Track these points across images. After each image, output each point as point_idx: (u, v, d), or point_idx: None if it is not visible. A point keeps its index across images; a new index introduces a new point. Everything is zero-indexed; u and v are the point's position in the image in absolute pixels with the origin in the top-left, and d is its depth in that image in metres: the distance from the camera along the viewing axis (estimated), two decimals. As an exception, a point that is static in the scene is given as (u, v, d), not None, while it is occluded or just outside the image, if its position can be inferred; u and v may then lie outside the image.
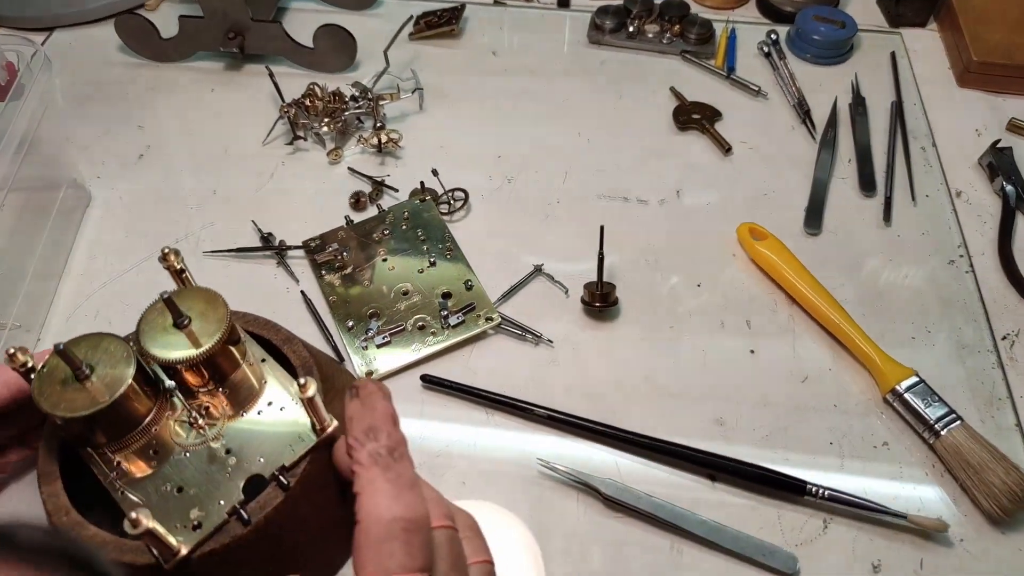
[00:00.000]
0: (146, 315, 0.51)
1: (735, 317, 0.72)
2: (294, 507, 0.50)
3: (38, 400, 0.48)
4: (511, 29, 1.02)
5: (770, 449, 0.64)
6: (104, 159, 0.85)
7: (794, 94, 0.92)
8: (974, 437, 0.61)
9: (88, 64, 0.95)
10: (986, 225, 0.80)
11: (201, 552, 0.47)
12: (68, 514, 0.49)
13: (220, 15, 0.90)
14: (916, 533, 0.59)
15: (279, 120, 0.86)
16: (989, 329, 0.72)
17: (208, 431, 0.52)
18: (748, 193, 0.82)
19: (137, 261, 0.76)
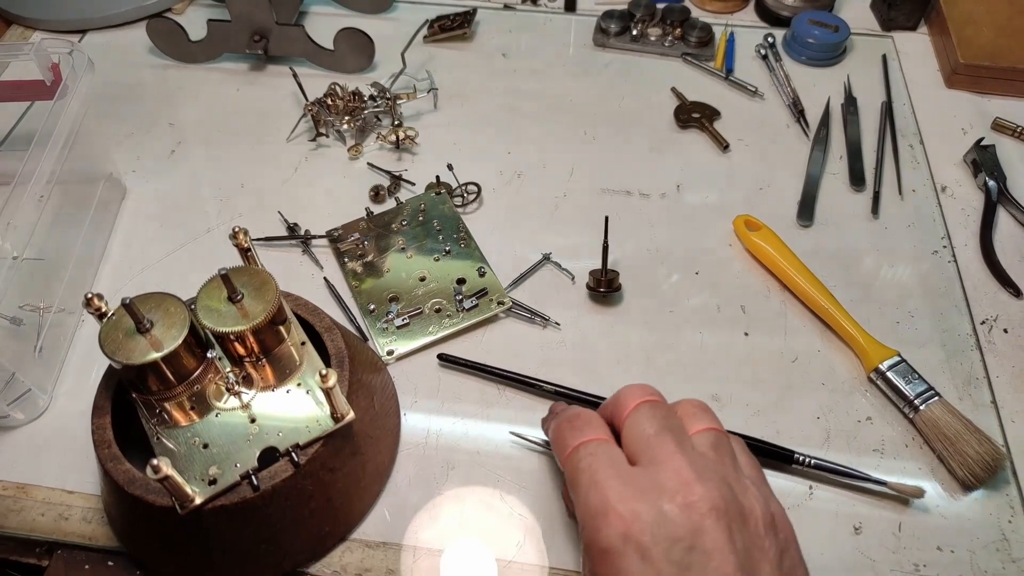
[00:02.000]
0: (206, 286, 0.56)
1: (730, 303, 0.77)
2: (300, 483, 0.55)
3: (102, 344, 0.53)
4: (520, 32, 1.07)
5: (762, 423, 0.69)
6: (138, 155, 0.90)
7: (789, 94, 0.97)
8: (951, 411, 0.66)
9: (120, 65, 1.00)
10: (969, 218, 0.84)
11: (212, 505, 0.53)
12: (110, 447, 0.54)
13: (246, 19, 0.95)
14: (895, 499, 0.64)
15: (303, 118, 0.91)
16: (969, 314, 0.76)
17: (242, 398, 0.58)
18: (744, 187, 0.87)
19: (170, 250, 0.81)
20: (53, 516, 0.63)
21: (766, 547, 0.40)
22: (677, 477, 0.40)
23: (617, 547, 0.39)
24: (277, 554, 0.57)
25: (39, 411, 0.69)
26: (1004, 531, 0.63)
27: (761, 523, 0.41)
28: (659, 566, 0.37)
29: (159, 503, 0.52)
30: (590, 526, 0.40)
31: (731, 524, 0.39)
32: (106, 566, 0.61)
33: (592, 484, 0.41)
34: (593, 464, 0.43)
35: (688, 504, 0.39)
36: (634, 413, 0.44)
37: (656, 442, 0.42)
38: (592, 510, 0.40)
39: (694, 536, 0.38)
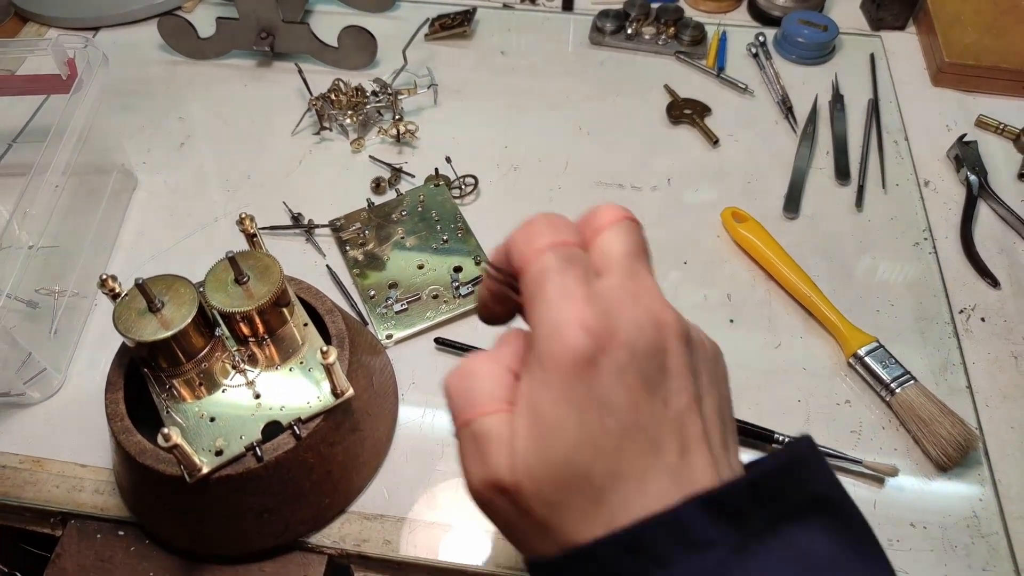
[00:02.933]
0: (214, 269, 0.60)
1: (717, 291, 0.80)
2: (302, 455, 0.58)
3: (116, 322, 0.57)
4: (518, 31, 1.10)
5: (745, 405, 0.71)
6: (149, 147, 0.93)
7: (778, 92, 0.99)
8: (925, 394, 0.69)
9: (131, 61, 1.04)
10: (950, 211, 0.87)
11: (219, 475, 0.56)
12: (122, 420, 0.58)
13: (253, 17, 0.98)
14: (871, 478, 0.67)
15: (307, 112, 0.95)
16: (948, 304, 0.79)
17: (248, 375, 0.61)
18: (733, 181, 0.90)
19: (179, 238, 0.84)
20: (67, 488, 0.66)
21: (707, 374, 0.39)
22: (652, 299, 0.37)
23: (588, 359, 0.35)
24: (279, 523, 0.60)
25: (54, 390, 0.72)
26: (975, 508, 0.65)
27: (707, 350, 0.40)
28: (631, 381, 0.35)
29: (168, 472, 0.56)
30: (557, 336, 0.35)
31: (690, 348, 0.38)
32: (117, 535, 0.64)
33: (564, 292, 0.36)
34: (567, 270, 0.37)
35: (661, 324, 0.36)
36: (610, 229, 0.40)
37: (633, 261, 0.39)
38: (563, 320, 0.36)
39: (664, 355, 0.36)
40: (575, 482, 0.35)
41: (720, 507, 0.34)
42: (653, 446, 0.35)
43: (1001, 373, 0.74)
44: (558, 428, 0.35)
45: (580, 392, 0.35)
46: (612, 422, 0.35)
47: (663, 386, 0.36)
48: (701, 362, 0.38)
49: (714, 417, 0.38)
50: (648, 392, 0.35)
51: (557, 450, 0.35)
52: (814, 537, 0.35)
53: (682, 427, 0.36)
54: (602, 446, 0.35)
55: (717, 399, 0.39)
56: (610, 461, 0.35)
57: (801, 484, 0.36)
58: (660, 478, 0.35)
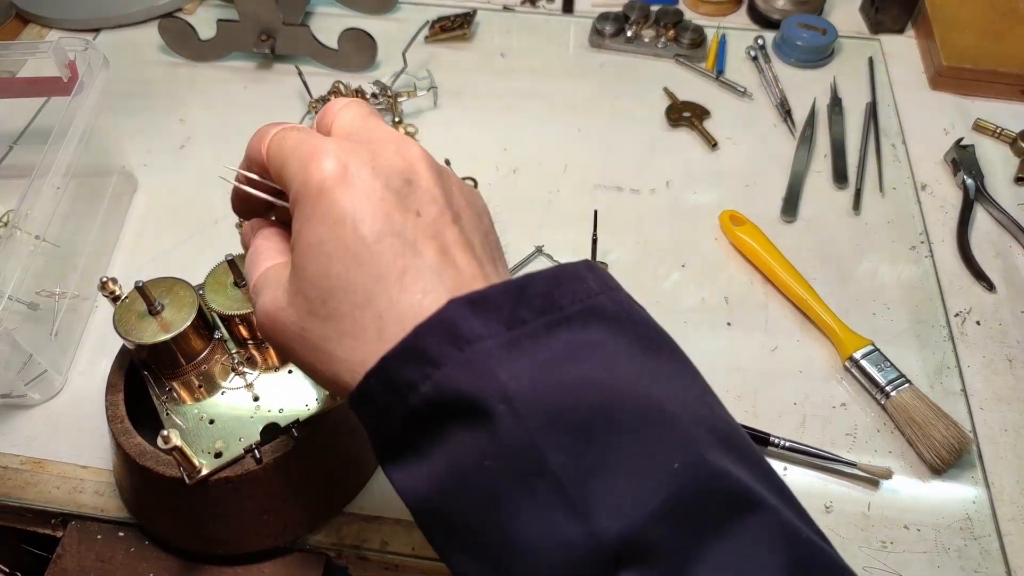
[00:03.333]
0: (213, 272, 0.60)
1: (714, 294, 0.80)
2: (301, 456, 0.59)
3: (116, 325, 0.57)
4: (518, 33, 1.10)
5: (741, 408, 0.72)
6: (149, 149, 0.94)
7: (777, 95, 1.00)
8: (920, 398, 0.69)
9: (132, 63, 1.04)
10: (947, 215, 0.88)
11: (218, 477, 0.57)
12: (122, 422, 0.58)
13: (254, 19, 0.98)
14: (866, 480, 0.67)
15: (307, 115, 0.95)
16: (943, 307, 0.79)
17: (247, 378, 0.61)
18: (731, 184, 0.91)
19: (180, 240, 0.84)
20: (67, 489, 0.67)
21: (461, 198, 0.41)
22: (389, 132, 0.41)
23: (336, 178, 0.37)
24: (278, 524, 0.61)
25: (55, 391, 0.73)
26: (968, 511, 0.66)
27: (457, 181, 0.42)
28: (381, 193, 0.37)
29: (168, 474, 0.56)
30: (305, 168, 0.38)
31: (439, 172, 0.40)
32: (117, 536, 0.64)
33: (303, 141, 0.40)
34: (299, 133, 0.41)
35: (402, 147, 0.40)
36: (343, 107, 0.43)
37: (368, 123, 0.42)
38: (306, 154, 0.39)
39: (410, 173, 0.39)
40: (339, 290, 0.37)
41: (486, 304, 0.35)
42: (410, 248, 0.37)
43: (995, 376, 0.74)
44: (317, 245, 0.38)
45: (333, 209, 0.37)
46: (365, 229, 0.37)
47: (412, 198, 0.38)
48: (454, 185, 0.41)
49: (474, 231, 0.40)
50: (399, 203, 0.38)
51: (318, 264, 0.38)
52: (597, 339, 0.36)
53: (438, 232, 0.38)
54: (357, 253, 0.37)
55: (475, 220, 0.41)
56: (369, 266, 0.37)
57: (575, 295, 0.36)
58: (423, 275, 0.37)
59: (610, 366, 0.35)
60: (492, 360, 0.33)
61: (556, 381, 0.33)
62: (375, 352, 0.36)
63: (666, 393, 0.35)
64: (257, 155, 0.44)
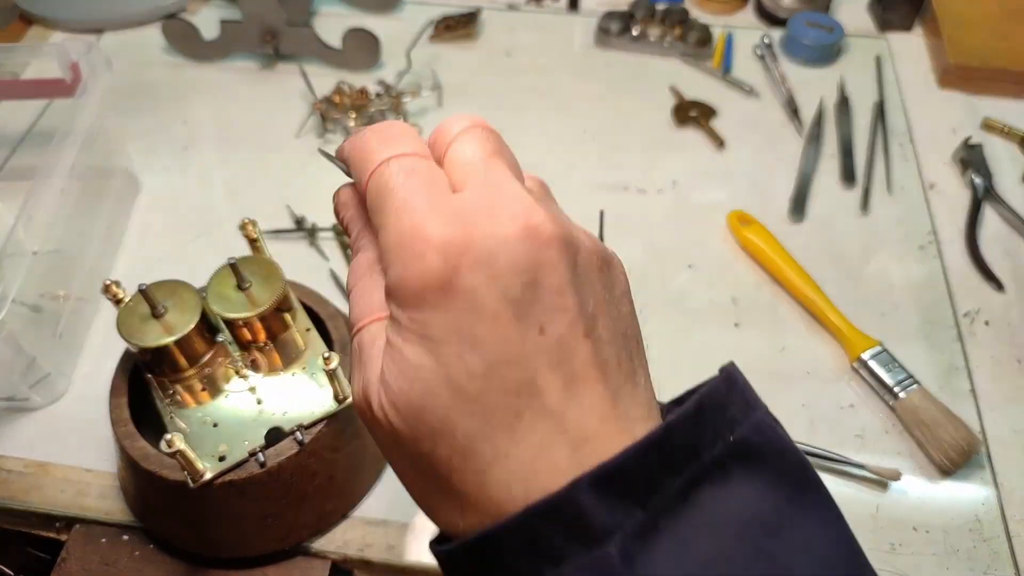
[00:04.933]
0: (216, 274, 0.60)
1: (722, 294, 0.80)
2: (304, 460, 0.59)
3: (119, 328, 0.57)
4: (524, 32, 1.10)
5: (749, 410, 0.71)
6: (152, 151, 0.93)
7: (784, 94, 0.99)
8: (929, 399, 0.69)
9: (135, 64, 1.04)
10: (955, 215, 0.87)
11: (221, 480, 0.56)
12: (126, 425, 0.58)
13: (257, 19, 0.98)
14: (874, 482, 0.67)
15: (311, 115, 0.95)
16: (952, 307, 0.79)
17: (250, 381, 0.61)
18: (739, 184, 0.90)
19: (183, 242, 0.84)
20: (72, 493, 0.66)
21: (600, 288, 0.33)
22: (515, 200, 0.31)
23: (439, 282, 0.29)
24: (282, 528, 0.60)
25: (59, 394, 0.72)
26: (977, 513, 0.65)
27: (596, 259, 0.33)
28: (495, 306, 0.29)
29: (172, 477, 0.56)
30: (400, 259, 0.31)
31: (573, 258, 0.31)
32: (121, 540, 0.64)
33: (406, 206, 0.31)
34: (408, 182, 0.32)
35: (530, 228, 0.30)
36: (463, 136, 0.34)
37: (488, 166, 0.33)
38: (405, 237, 0.30)
39: (535, 269, 0.30)
40: (436, 431, 0.30)
41: (619, 482, 0.29)
42: (528, 384, 0.30)
43: (1004, 377, 0.74)
44: (411, 369, 0.30)
45: (433, 325, 0.30)
46: (473, 359, 0.29)
47: (536, 307, 0.30)
48: (591, 274, 0.32)
49: (612, 341, 0.32)
50: (517, 317, 0.30)
51: (412, 394, 0.30)
52: (737, 496, 0.30)
53: (566, 356, 0.30)
54: (463, 389, 0.30)
55: (614, 319, 0.33)
56: (474, 407, 0.30)
57: (717, 431, 0.31)
58: (540, 423, 0.30)
59: (751, 540, 0.30)
60: (625, 568, 0.28)
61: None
62: (473, 519, 0.31)
63: (809, 563, 0.30)
64: (357, 182, 0.35)
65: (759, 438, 0.32)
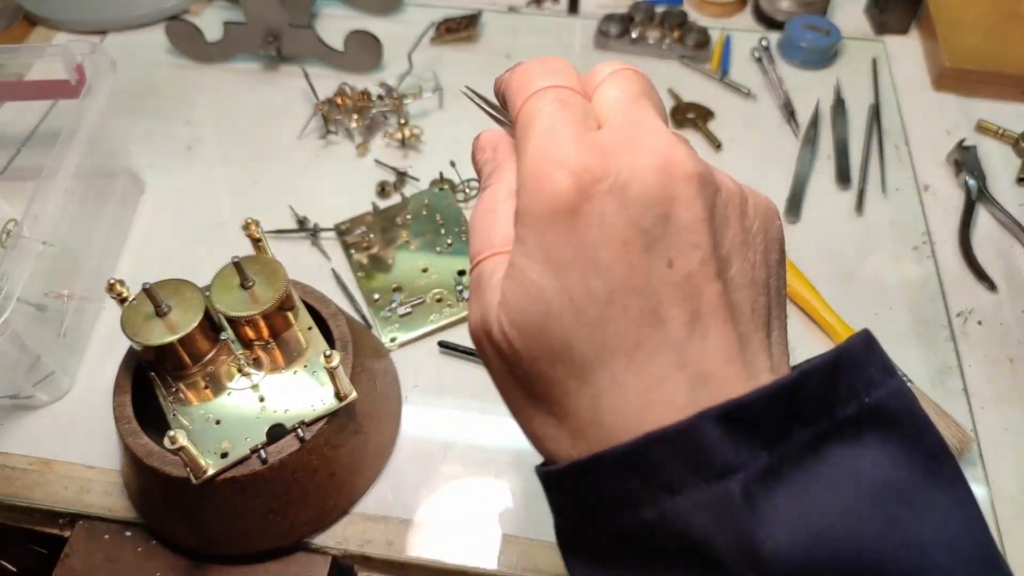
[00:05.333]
0: (220, 273, 0.61)
1: (718, 295, 0.81)
2: (306, 457, 0.60)
3: (124, 326, 0.58)
4: (524, 34, 1.10)
5: (744, 409, 0.72)
6: (156, 151, 0.94)
7: (781, 96, 1.00)
8: (920, 397, 0.70)
9: (139, 65, 1.04)
10: (949, 216, 0.88)
11: (224, 477, 0.57)
12: (129, 422, 0.59)
13: (260, 21, 0.99)
14: (867, 480, 0.68)
15: (313, 116, 0.95)
16: (945, 307, 0.80)
17: (253, 379, 0.62)
18: (735, 185, 0.91)
19: (186, 242, 0.85)
20: (75, 490, 0.67)
21: (739, 231, 0.32)
22: (655, 137, 0.31)
23: (570, 205, 0.29)
24: (284, 525, 0.61)
25: (62, 392, 0.73)
26: (969, 511, 0.66)
27: (738, 201, 0.32)
28: (624, 234, 0.29)
29: (174, 474, 0.57)
30: (536, 180, 0.30)
31: (711, 198, 0.31)
32: (124, 536, 0.65)
33: (552, 131, 0.31)
34: (559, 111, 0.32)
35: (667, 164, 0.30)
36: (612, 77, 0.34)
37: (634, 106, 0.33)
38: (544, 159, 0.30)
39: (670, 203, 0.30)
40: (555, 353, 0.30)
41: (744, 421, 0.28)
42: (651, 314, 0.29)
43: (997, 376, 0.75)
44: (535, 289, 0.30)
45: (560, 248, 0.30)
46: (597, 284, 0.29)
47: (667, 241, 0.30)
48: (731, 217, 0.32)
49: (747, 286, 0.31)
50: (646, 248, 0.29)
51: (533, 315, 0.30)
52: (869, 458, 0.29)
53: (692, 293, 0.30)
54: (584, 313, 0.30)
55: (755, 265, 0.32)
56: (594, 331, 0.30)
57: (853, 391, 0.30)
58: (660, 355, 0.29)
59: (883, 504, 0.29)
60: (746, 508, 0.27)
61: (818, 531, 0.28)
62: (584, 446, 0.31)
63: (943, 541, 0.29)
64: (510, 107, 0.36)
65: (897, 404, 0.31)
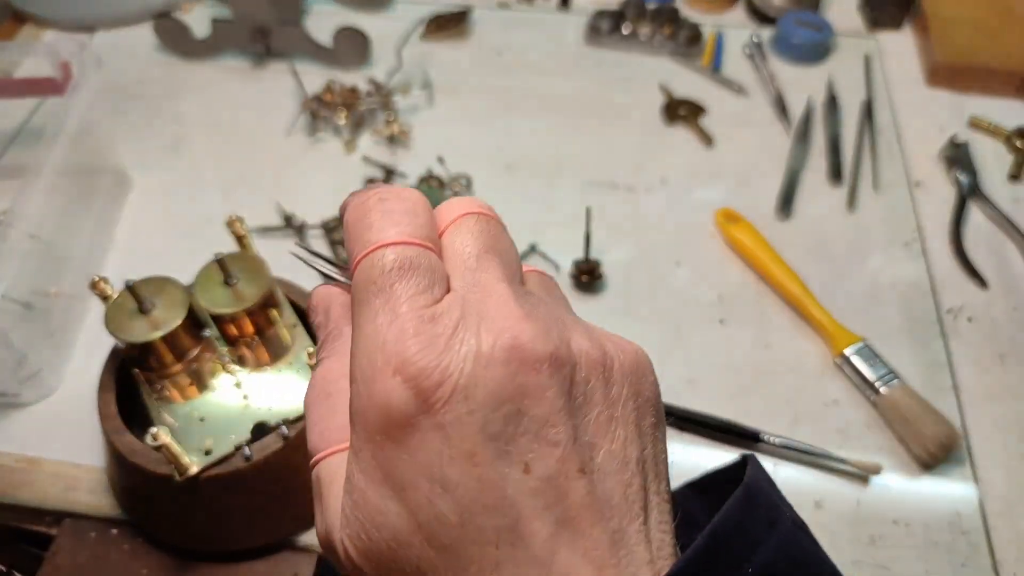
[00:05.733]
0: (204, 270, 0.61)
1: (709, 291, 0.80)
2: (290, 455, 0.59)
3: (107, 323, 0.58)
4: (515, 30, 1.10)
5: (734, 405, 0.72)
6: (143, 148, 0.94)
7: (773, 92, 1.00)
8: (909, 394, 0.70)
9: (127, 62, 1.04)
10: (941, 212, 0.87)
11: (207, 475, 0.57)
12: (113, 420, 0.59)
13: (248, 18, 0.98)
14: (856, 476, 0.67)
15: (301, 113, 0.95)
16: (936, 304, 0.79)
17: (237, 376, 0.62)
18: (727, 181, 0.91)
19: (174, 239, 0.85)
20: (61, 487, 0.67)
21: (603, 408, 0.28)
22: (501, 310, 0.27)
23: (406, 417, 0.26)
24: (268, 523, 0.61)
25: (49, 390, 0.73)
26: (957, 506, 0.66)
27: (599, 372, 0.28)
28: (471, 445, 0.25)
29: (159, 471, 0.56)
30: (366, 386, 0.27)
31: (567, 378, 0.27)
32: (110, 534, 0.64)
33: (386, 313, 0.27)
34: (397, 284, 0.28)
35: (515, 349, 0.26)
36: (457, 224, 0.31)
37: (479, 266, 0.30)
38: (374, 358, 0.27)
39: (520, 397, 0.26)
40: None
41: None
42: (509, 532, 0.26)
43: (986, 373, 0.74)
44: (378, 515, 0.27)
45: (399, 465, 0.26)
46: (446, 506, 0.26)
47: (520, 442, 0.26)
48: (593, 393, 0.28)
49: (617, 471, 0.27)
50: (497, 456, 0.26)
51: (379, 542, 0.27)
52: None
53: (554, 498, 0.26)
54: (435, 538, 0.26)
55: (626, 441, 0.28)
56: (448, 557, 0.26)
57: (735, 563, 0.27)
58: (524, 574, 0.26)
59: None
60: None
61: None
62: None
63: None
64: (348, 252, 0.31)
65: (784, 560, 0.28)
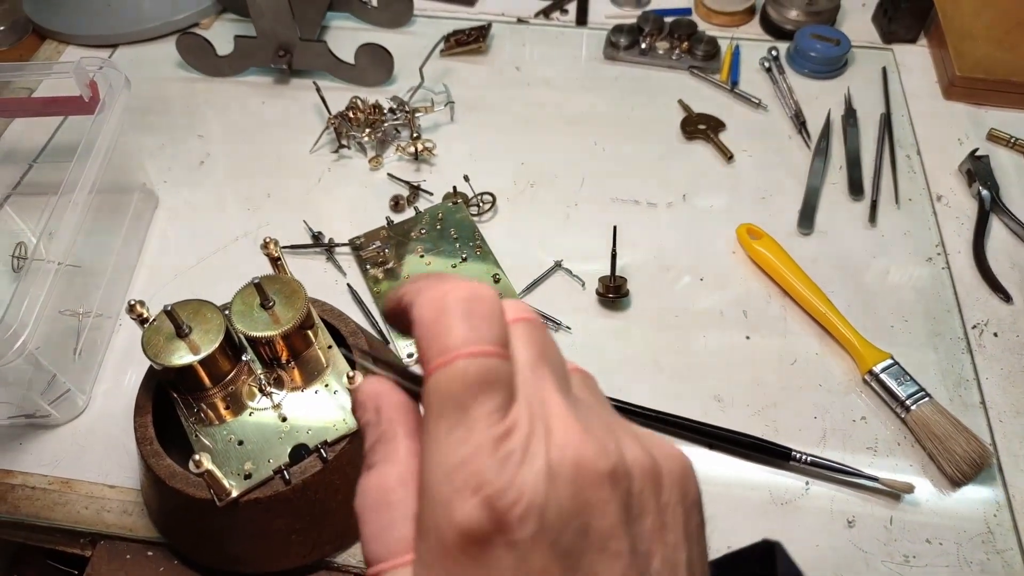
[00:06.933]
0: (240, 293, 0.61)
1: (733, 308, 0.81)
2: (329, 477, 0.60)
3: (145, 347, 0.58)
4: (533, 46, 1.11)
5: (761, 422, 0.72)
6: (169, 166, 0.94)
7: (792, 106, 1.00)
8: (940, 411, 0.70)
9: (150, 79, 1.05)
10: (963, 226, 0.88)
11: (247, 498, 0.57)
12: (151, 443, 0.59)
13: (271, 35, 0.99)
14: (887, 494, 0.68)
15: (325, 130, 0.96)
16: (961, 319, 0.80)
17: (274, 398, 0.62)
18: (748, 196, 0.91)
19: (201, 257, 0.85)
20: (95, 509, 0.67)
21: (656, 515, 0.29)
22: (563, 426, 0.27)
23: (482, 537, 0.26)
24: (306, 544, 0.61)
25: (79, 410, 0.73)
26: (990, 524, 0.66)
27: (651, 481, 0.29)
28: (541, 561, 0.26)
29: (198, 496, 0.57)
30: (442, 504, 0.27)
31: (626, 491, 0.28)
32: (146, 556, 0.65)
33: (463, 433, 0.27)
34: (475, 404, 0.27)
35: (579, 467, 0.26)
36: (514, 329, 0.30)
37: (534, 374, 0.29)
38: (452, 476, 0.26)
39: (587, 514, 0.26)
40: None
41: None
42: None
43: (1014, 388, 0.75)
44: None
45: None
46: None
47: (587, 557, 0.26)
48: (648, 501, 0.29)
49: (670, 571, 0.28)
50: (566, 570, 0.26)
51: None
52: None
53: None
54: None
55: (676, 546, 0.29)
56: None
57: None
58: None
59: None
60: None
61: None
62: None
63: None
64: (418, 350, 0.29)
65: None
